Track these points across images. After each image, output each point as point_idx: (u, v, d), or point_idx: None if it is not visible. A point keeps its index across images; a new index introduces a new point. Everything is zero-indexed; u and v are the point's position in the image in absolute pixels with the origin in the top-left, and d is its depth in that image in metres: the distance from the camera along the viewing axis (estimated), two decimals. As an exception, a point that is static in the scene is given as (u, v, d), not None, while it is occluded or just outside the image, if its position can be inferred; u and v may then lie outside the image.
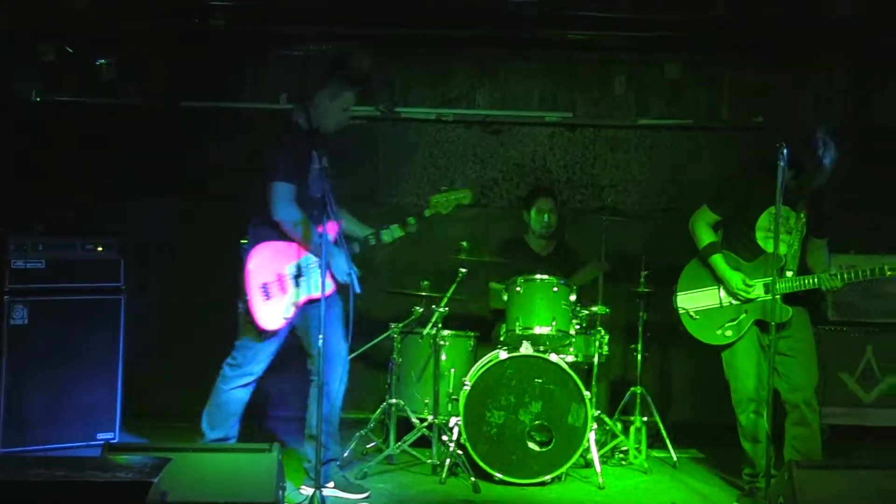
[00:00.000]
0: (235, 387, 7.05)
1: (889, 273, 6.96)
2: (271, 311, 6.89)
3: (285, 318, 6.92)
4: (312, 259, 6.98)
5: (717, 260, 7.31)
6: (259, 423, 8.98)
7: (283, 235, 6.93)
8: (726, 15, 8.82)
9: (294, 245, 6.96)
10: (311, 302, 7.04)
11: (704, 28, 9.24)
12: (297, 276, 6.94)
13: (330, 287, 6.97)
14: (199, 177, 9.48)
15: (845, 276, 7.06)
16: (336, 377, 7.08)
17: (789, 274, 7.13)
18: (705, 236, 7.42)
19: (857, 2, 8.35)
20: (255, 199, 6.92)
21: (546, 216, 9.13)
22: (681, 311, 7.51)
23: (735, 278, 7.22)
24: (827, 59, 9.90)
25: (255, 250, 6.90)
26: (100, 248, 8.15)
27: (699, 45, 9.77)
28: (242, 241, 7.02)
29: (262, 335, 6.97)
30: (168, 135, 9.83)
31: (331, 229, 6.91)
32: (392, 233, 7.25)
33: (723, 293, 7.36)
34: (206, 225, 7.58)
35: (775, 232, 6.73)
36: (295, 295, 6.94)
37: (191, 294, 9.01)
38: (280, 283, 6.91)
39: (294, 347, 7.25)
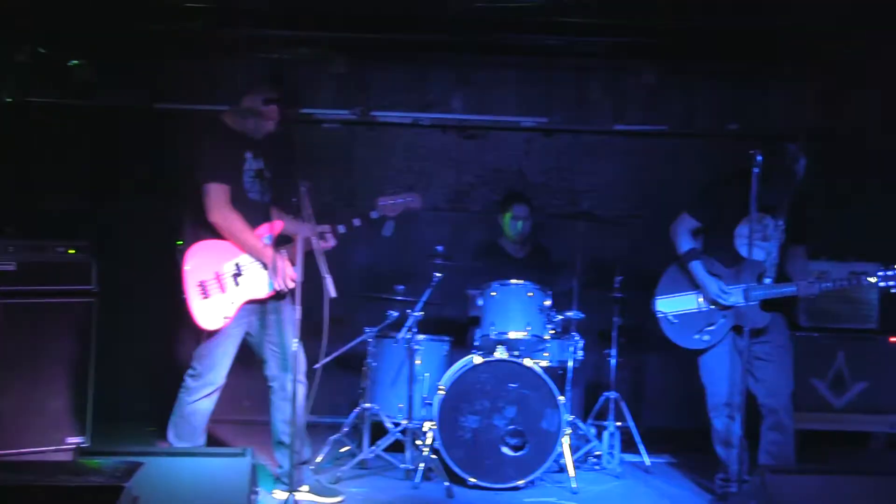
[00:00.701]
0: (199, 398, 7.01)
1: (868, 281, 7.00)
2: (210, 311, 6.85)
3: (225, 318, 6.88)
4: (251, 258, 6.98)
5: (697, 266, 7.35)
6: (231, 427, 8.98)
7: (220, 234, 6.92)
8: (701, 23, 8.85)
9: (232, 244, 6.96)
10: (258, 304, 7.05)
11: (679, 35, 9.26)
12: (236, 274, 6.91)
13: (272, 287, 7.00)
14: (172, 179, 9.44)
15: (823, 284, 7.11)
16: (295, 380, 7.07)
17: (767, 281, 7.17)
18: (685, 243, 7.46)
19: (825, 10, 8.39)
20: (191, 200, 6.91)
21: (520, 224, 9.16)
22: (660, 315, 7.54)
23: (713, 284, 7.26)
24: (797, 68, 9.93)
25: (192, 248, 6.87)
26: (72, 251, 8.08)
27: (674, 52, 9.78)
28: (178, 242, 6.98)
29: (204, 336, 6.94)
30: (142, 136, 9.79)
31: (267, 230, 6.94)
32: (322, 237, 7.17)
33: (701, 298, 7.39)
34: (179, 227, 7.57)
35: (750, 238, 6.77)
36: (234, 294, 6.92)
37: (163, 298, 8.97)
38: (219, 282, 6.87)
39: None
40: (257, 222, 6.98)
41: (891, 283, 6.95)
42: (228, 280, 6.88)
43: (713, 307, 7.35)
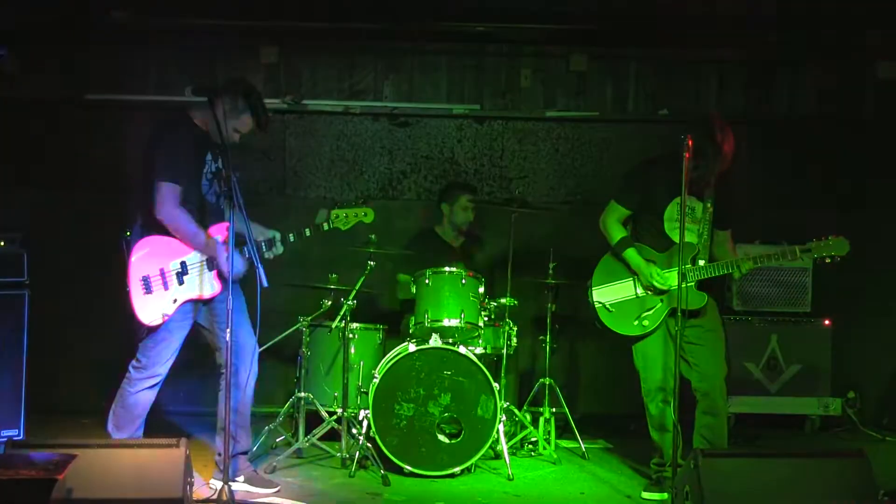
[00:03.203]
0: (142, 389, 6.93)
1: (800, 255, 7.04)
2: (151, 306, 6.75)
3: (165, 315, 6.79)
4: (198, 258, 6.90)
5: (631, 253, 7.35)
6: (171, 418, 8.94)
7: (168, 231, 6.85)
8: (630, 8, 8.91)
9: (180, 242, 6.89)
10: (200, 300, 7.01)
11: (609, 21, 9.31)
12: (181, 273, 6.85)
13: (216, 288, 6.95)
14: (102, 170, 9.37)
15: (758, 259, 7.15)
16: (245, 368, 7.02)
17: (701, 262, 7.19)
18: (616, 232, 7.45)
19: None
20: (144, 193, 6.80)
21: (467, 213, 9.16)
22: (597, 305, 7.51)
23: (649, 269, 7.26)
24: (726, 54, 10.02)
25: (140, 242, 6.75)
26: (2, 242, 7.99)
27: (604, 37, 9.84)
28: (126, 234, 6.90)
29: (148, 331, 6.89)
30: (70, 127, 9.71)
31: (219, 231, 6.88)
32: (272, 244, 7.13)
33: (638, 285, 7.40)
34: (111, 219, 7.50)
35: (681, 222, 6.79)
36: (176, 292, 6.87)
37: (95, 289, 8.90)
38: (162, 278, 6.80)
39: (205, 343, 7.21)
40: (212, 223, 6.92)
41: (824, 253, 6.98)
42: (172, 278, 6.80)
43: (650, 292, 7.37)
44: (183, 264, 6.84)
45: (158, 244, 6.79)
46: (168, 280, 6.79)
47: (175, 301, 6.82)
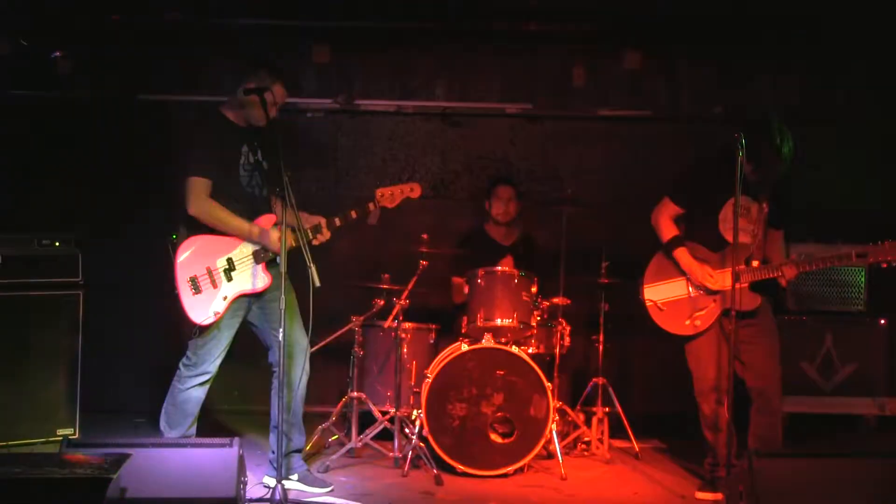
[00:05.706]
0: (192, 386, 6.98)
1: (856, 259, 6.97)
2: (201, 305, 6.79)
3: (216, 313, 6.83)
4: (244, 253, 6.93)
5: (682, 253, 7.31)
6: (224, 417, 8.99)
7: (213, 229, 6.88)
8: (683, 6, 8.86)
9: (225, 238, 6.90)
10: (254, 296, 7.04)
11: (662, 19, 9.27)
12: (228, 269, 6.88)
13: (266, 280, 6.97)
14: (155, 170, 9.40)
15: (810, 263, 7.09)
16: (297, 367, 7.05)
17: (755, 263, 7.14)
18: (668, 230, 7.41)
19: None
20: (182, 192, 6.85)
21: (504, 204, 9.13)
22: (648, 304, 7.48)
23: (699, 270, 7.21)
24: (782, 51, 9.94)
25: (185, 243, 6.79)
26: (57, 244, 8.05)
27: (657, 35, 9.79)
28: (173, 237, 6.92)
29: (200, 330, 6.92)
30: (123, 128, 9.77)
31: (267, 222, 6.89)
32: (317, 230, 7.12)
33: (690, 284, 7.36)
34: (165, 219, 7.53)
35: (734, 222, 6.74)
36: (226, 289, 6.90)
37: (149, 289, 8.93)
38: (210, 277, 6.83)
39: (257, 342, 7.24)
40: (255, 216, 6.94)
41: (880, 258, 6.91)
42: (220, 275, 6.83)
43: (702, 292, 7.33)
44: (229, 261, 6.86)
45: (203, 243, 6.82)
46: (216, 278, 6.81)
47: (226, 298, 6.85)
